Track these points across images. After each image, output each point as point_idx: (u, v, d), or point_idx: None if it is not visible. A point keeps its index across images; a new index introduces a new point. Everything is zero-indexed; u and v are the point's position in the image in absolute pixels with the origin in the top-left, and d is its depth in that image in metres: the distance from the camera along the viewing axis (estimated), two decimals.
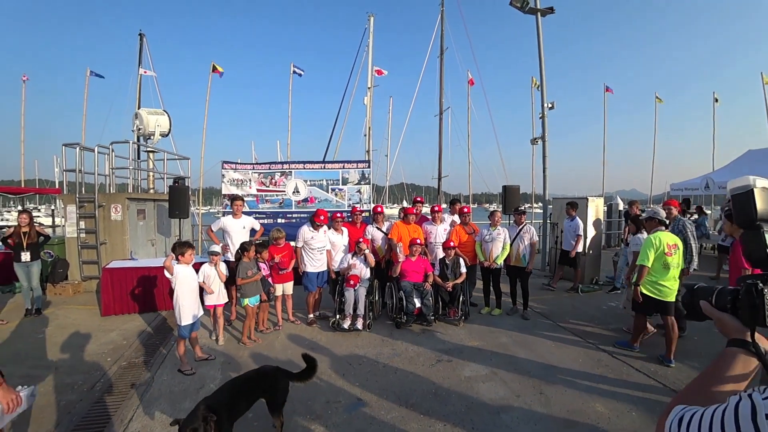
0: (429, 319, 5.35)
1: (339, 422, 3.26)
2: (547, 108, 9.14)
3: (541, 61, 9.17)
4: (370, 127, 15.66)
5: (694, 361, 4.28)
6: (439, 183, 15.76)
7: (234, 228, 5.81)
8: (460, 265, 5.72)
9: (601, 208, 8.11)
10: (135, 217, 8.09)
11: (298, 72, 18.78)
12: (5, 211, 28.97)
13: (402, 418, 3.30)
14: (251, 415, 3.32)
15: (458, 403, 3.53)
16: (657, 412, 3.34)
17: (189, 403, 3.53)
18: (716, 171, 13.07)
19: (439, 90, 15.57)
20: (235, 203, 5.92)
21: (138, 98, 16.43)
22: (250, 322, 4.99)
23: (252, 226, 6.06)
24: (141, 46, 17.34)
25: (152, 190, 9.84)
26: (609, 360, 4.40)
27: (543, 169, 9.39)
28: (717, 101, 23.32)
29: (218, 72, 17.47)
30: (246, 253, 5.00)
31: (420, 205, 6.85)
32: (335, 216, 5.98)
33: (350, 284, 5.42)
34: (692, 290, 1.07)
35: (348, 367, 4.26)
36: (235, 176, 7.94)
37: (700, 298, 1.03)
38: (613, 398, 3.57)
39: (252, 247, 5.08)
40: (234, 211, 5.89)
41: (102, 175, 8.27)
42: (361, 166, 8.29)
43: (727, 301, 0.95)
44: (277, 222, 7.84)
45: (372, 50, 15.40)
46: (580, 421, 3.23)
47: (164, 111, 10.15)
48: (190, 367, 4.14)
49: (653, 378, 3.95)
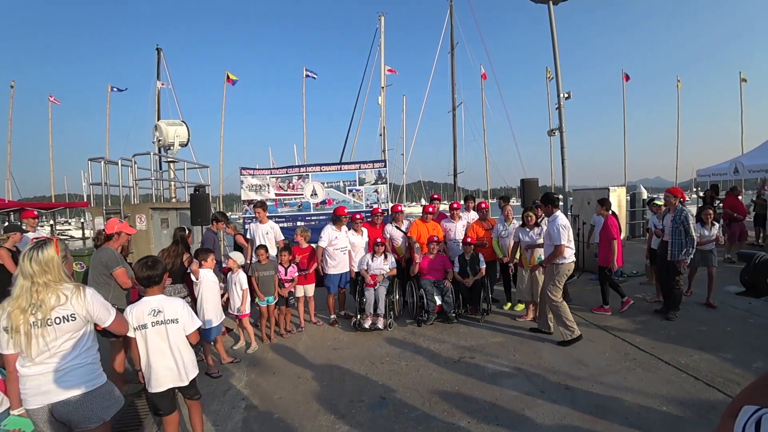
0: (450, 317, 5.32)
1: (363, 421, 3.28)
2: (563, 98, 8.94)
3: (555, 51, 8.99)
4: (384, 126, 15.69)
5: (727, 353, 4.13)
6: (455, 179, 15.66)
7: (257, 233, 5.93)
8: (479, 261, 5.67)
9: (623, 198, 7.91)
10: (159, 226, 8.31)
11: (312, 75, 18.97)
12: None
13: (426, 416, 3.30)
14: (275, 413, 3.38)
15: (482, 399, 3.51)
16: (689, 406, 3.25)
17: (217, 404, 3.63)
18: (746, 154, 12.53)
19: (451, 86, 15.47)
20: (256, 210, 6.05)
21: (157, 110, 16.93)
22: (264, 322, 5.15)
23: (276, 232, 6.07)
24: (159, 59, 17.86)
25: (174, 199, 10.10)
26: (636, 353, 4.29)
27: (561, 161, 9.19)
28: (744, 81, 22.41)
29: (231, 81, 17.81)
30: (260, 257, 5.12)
31: (437, 202, 6.82)
32: (354, 217, 6.01)
33: (370, 284, 5.45)
34: (754, 264, 0.95)
35: (370, 366, 4.29)
36: (253, 182, 8.08)
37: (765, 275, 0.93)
38: (641, 392, 3.48)
39: (265, 251, 5.17)
40: (258, 218, 6.01)
41: (126, 186, 8.53)
42: (377, 166, 8.31)
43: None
44: (297, 225, 7.93)
45: (384, 50, 15.43)
46: (608, 417, 3.16)
47: (183, 122, 10.41)
48: (216, 370, 4.24)
49: (684, 371, 3.82)
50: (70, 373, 2.05)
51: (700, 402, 3.29)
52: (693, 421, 3.06)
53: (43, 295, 1.98)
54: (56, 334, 1.99)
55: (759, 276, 0.93)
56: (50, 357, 2.00)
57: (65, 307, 2.02)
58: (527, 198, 8.24)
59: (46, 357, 1.99)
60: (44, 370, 2.00)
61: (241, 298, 4.82)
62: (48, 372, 2.00)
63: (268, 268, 5.17)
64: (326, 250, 5.70)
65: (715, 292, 5.68)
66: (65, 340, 2.03)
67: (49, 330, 1.97)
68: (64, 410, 2.03)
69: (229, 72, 18.98)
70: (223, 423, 3.34)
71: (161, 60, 17.94)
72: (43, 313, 1.96)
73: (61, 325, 2.00)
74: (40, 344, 1.96)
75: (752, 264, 0.95)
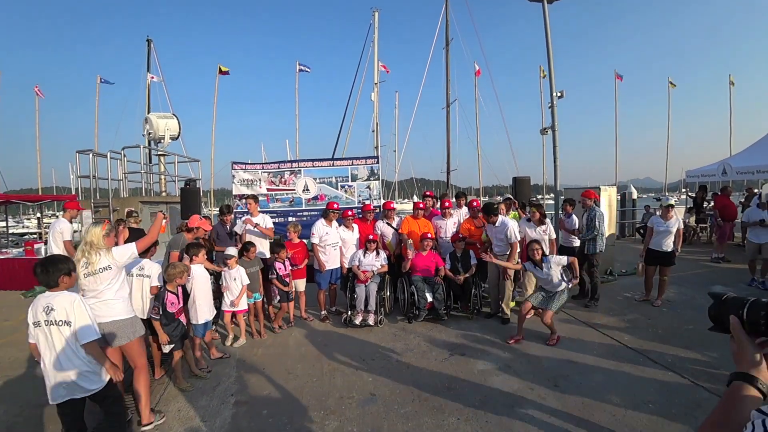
0: (441, 314, 5.33)
1: (353, 417, 3.28)
2: (556, 97, 8.98)
3: (549, 50, 9.01)
4: (377, 123, 15.64)
5: (713, 352, 4.19)
6: (448, 176, 15.68)
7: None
8: (470, 258, 5.68)
9: (614, 197, 7.97)
10: (148, 219, 8.22)
11: (305, 69, 18.84)
12: (25, 219, 29.78)
13: (415, 413, 3.31)
14: (265, 412, 3.38)
15: (471, 396, 3.52)
16: (675, 403, 3.29)
17: (206, 400, 3.60)
18: (734, 156, 12.72)
19: (445, 82, 15.46)
20: (248, 201, 6.02)
21: (147, 103, 16.69)
22: (252, 318, 5.13)
23: (266, 224, 6.01)
24: (149, 51, 17.60)
25: (164, 192, 10.00)
26: (625, 351, 4.34)
27: (554, 160, 9.23)
28: (733, 84, 22.72)
29: (223, 72, 17.63)
30: (246, 253, 5.08)
31: (430, 199, 6.81)
32: (345, 213, 5.99)
33: (361, 280, 5.44)
34: (721, 301, 0.97)
35: (361, 363, 4.28)
36: (245, 176, 8.01)
37: (729, 311, 0.93)
38: (629, 390, 3.52)
39: (252, 248, 5.14)
40: (249, 210, 5.95)
41: (115, 180, 8.42)
42: (369, 162, 8.27)
43: (761, 317, 0.85)
44: (288, 221, 7.89)
45: (378, 46, 15.35)
46: (595, 414, 3.19)
47: (173, 114, 10.29)
48: (206, 366, 4.21)
49: (670, 369, 3.88)
50: (109, 304, 3.02)
51: (686, 400, 3.34)
52: (679, 418, 3.10)
53: (90, 254, 2.95)
54: (100, 280, 2.97)
55: (723, 313, 0.95)
56: (97, 293, 2.99)
57: (103, 262, 2.97)
58: (520, 196, 8.28)
59: (95, 293, 2.99)
60: (94, 302, 2.96)
61: (239, 293, 4.78)
62: (96, 303, 2.97)
63: (254, 264, 5.13)
64: (318, 246, 5.68)
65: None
66: (105, 282, 2.99)
67: (96, 277, 2.95)
68: (109, 329, 3.01)
69: (221, 65, 18.81)
70: (212, 419, 3.31)
71: (152, 52, 17.70)
72: (91, 267, 2.95)
73: (103, 274, 2.97)
74: (90, 284, 2.97)
75: (720, 301, 0.98)
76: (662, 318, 5.27)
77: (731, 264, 8.26)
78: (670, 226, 5.64)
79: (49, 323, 2.51)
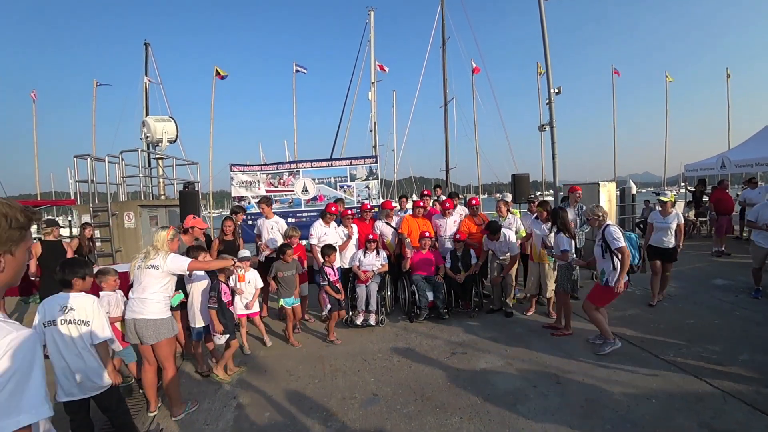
0: (442, 312, 5.33)
1: (355, 418, 3.27)
2: (553, 93, 8.98)
3: (546, 47, 9.00)
4: (375, 122, 15.60)
5: (715, 346, 4.18)
6: (447, 175, 15.66)
7: (264, 228, 5.91)
8: (470, 257, 5.68)
9: (613, 193, 7.96)
10: (148, 223, 8.20)
11: (301, 70, 18.80)
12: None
13: (418, 412, 3.30)
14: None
15: (474, 395, 3.52)
16: (677, 398, 3.29)
17: (208, 403, 3.59)
18: (732, 149, 12.72)
19: (443, 81, 15.43)
20: (260, 206, 6.07)
21: (145, 106, 16.66)
22: (290, 323, 4.98)
23: (280, 226, 5.94)
24: (147, 55, 17.57)
25: (163, 196, 9.97)
26: (627, 347, 4.33)
27: (552, 156, 9.23)
28: (729, 77, 22.71)
29: (221, 76, 17.59)
30: (283, 256, 4.94)
31: (428, 198, 6.80)
32: (344, 213, 5.98)
33: (362, 280, 5.43)
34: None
35: (362, 363, 4.28)
36: (243, 178, 7.99)
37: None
38: (632, 386, 3.52)
39: (289, 250, 4.98)
40: (263, 213, 5.97)
41: (114, 184, 8.40)
42: (368, 162, 8.25)
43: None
44: (288, 222, 7.88)
45: (374, 45, 15.31)
46: (598, 410, 3.19)
47: (171, 117, 10.26)
48: (206, 368, 4.20)
49: (672, 363, 3.87)
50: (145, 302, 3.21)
51: (688, 394, 3.33)
52: (682, 413, 3.09)
53: (150, 251, 3.30)
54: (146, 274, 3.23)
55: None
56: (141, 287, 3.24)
57: (155, 261, 3.23)
58: (518, 193, 8.27)
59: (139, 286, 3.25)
60: (135, 297, 3.24)
61: (253, 296, 4.74)
62: (136, 298, 3.23)
63: (291, 267, 4.99)
64: (317, 246, 5.66)
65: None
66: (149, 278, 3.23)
67: (144, 271, 3.24)
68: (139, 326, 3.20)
69: (219, 67, 18.75)
70: (215, 422, 3.31)
71: (149, 55, 17.66)
72: (146, 261, 3.25)
73: (150, 271, 3.23)
74: (138, 275, 3.26)
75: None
76: (663, 313, 5.27)
77: (732, 257, 8.26)
78: (669, 221, 5.62)
79: (65, 322, 2.63)
